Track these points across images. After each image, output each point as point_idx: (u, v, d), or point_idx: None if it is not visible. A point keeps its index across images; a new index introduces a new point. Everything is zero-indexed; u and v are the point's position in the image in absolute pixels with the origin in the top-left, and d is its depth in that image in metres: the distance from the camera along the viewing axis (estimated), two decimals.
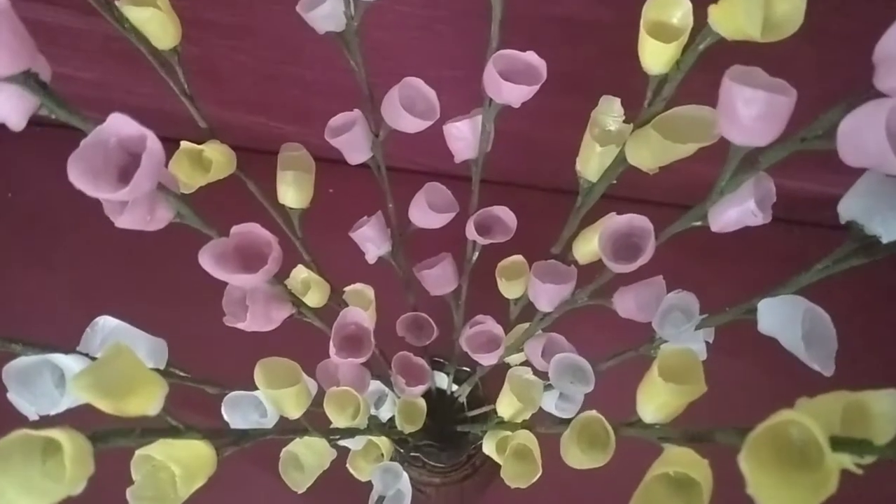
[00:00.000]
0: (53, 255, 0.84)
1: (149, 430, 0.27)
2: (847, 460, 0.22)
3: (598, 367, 0.45)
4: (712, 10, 0.32)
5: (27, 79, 0.23)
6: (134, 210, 0.29)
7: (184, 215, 0.32)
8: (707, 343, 0.42)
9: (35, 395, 0.29)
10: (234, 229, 0.32)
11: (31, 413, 0.29)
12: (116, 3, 0.36)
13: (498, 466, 0.46)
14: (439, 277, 0.51)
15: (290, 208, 0.45)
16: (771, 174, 0.37)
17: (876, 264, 0.34)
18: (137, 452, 0.28)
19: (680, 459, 0.27)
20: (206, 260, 0.31)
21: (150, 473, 0.29)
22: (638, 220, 0.36)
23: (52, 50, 0.27)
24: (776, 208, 0.60)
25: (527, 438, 0.44)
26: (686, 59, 0.34)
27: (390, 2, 0.38)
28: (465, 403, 0.62)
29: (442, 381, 0.62)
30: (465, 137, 0.42)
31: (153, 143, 0.26)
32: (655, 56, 0.35)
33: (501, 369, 0.51)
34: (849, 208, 0.31)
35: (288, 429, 0.39)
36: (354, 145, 0.43)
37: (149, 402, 0.26)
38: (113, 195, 0.25)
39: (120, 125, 0.25)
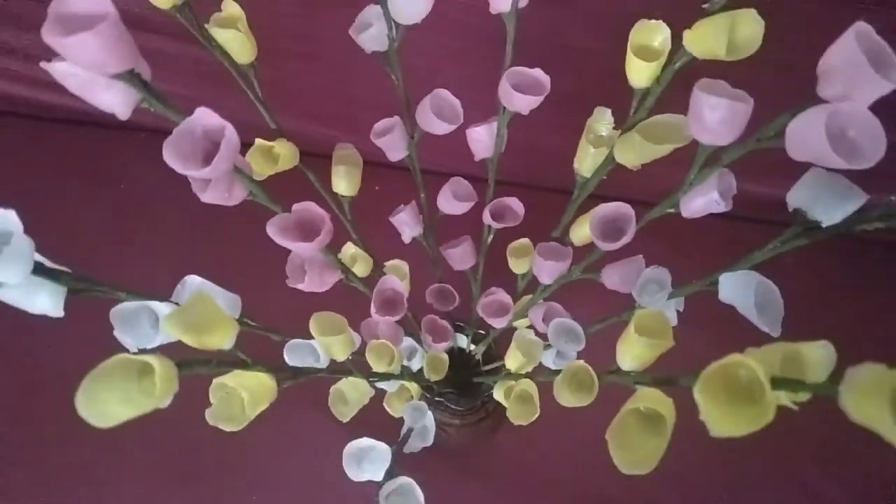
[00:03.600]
0: (154, 233, 0.85)
1: (223, 362, 0.28)
2: (784, 397, 0.22)
3: (588, 330, 0.45)
4: (686, 34, 0.31)
5: (131, 77, 0.24)
6: (216, 187, 0.30)
7: (255, 194, 0.32)
8: (678, 312, 0.42)
9: (135, 333, 0.29)
10: (295, 207, 0.33)
11: (132, 347, 0.30)
12: (206, 26, 0.37)
13: (507, 411, 0.47)
14: (461, 255, 0.51)
15: (342, 196, 0.45)
16: (742, 179, 0.37)
17: (817, 248, 0.33)
18: (215, 381, 0.29)
19: (649, 397, 0.27)
20: (273, 230, 0.32)
21: (225, 398, 0.30)
22: (622, 207, 0.36)
23: (153, 71, 0.27)
24: (746, 209, 0.59)
25: (528, 385, 0.44)
26: (664, 76, 0.34)
27: (425, 34, 0.38)
28: (480, 360, 0.62)
29: (462, 341, 0.62)
30: (483, 140, 0.42)
31: (231, 132, 0.26)
32: (640, 73, 0.35)
33: (510, 332, 0.51)
34: (796, 198, 0.31)
35: (336, 370, 0.39)
36: (394, 145, 0.43)
37: (223, 338, 0.26)
38: (197, 172, 0.25)
39: (204, 117, 0.26)
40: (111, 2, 0.21)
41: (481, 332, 0.61)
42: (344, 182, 0.45)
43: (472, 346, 0.62)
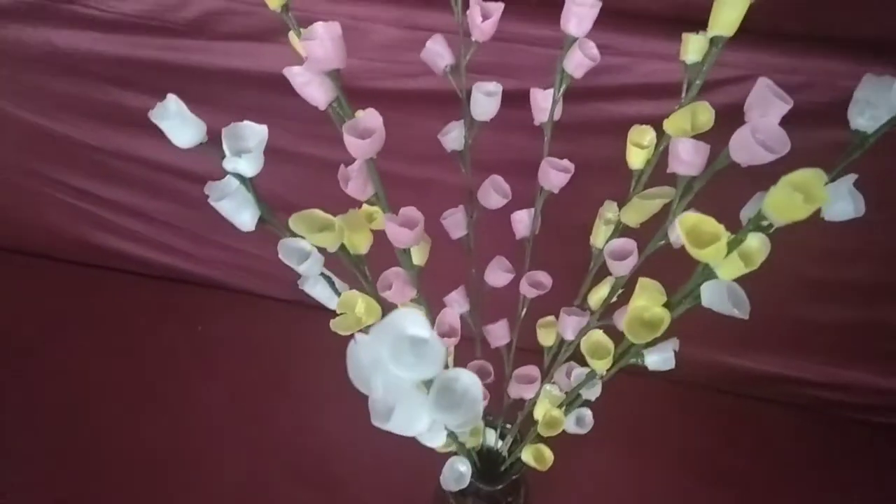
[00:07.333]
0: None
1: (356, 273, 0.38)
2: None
3: (605, 378, 0.53)
4: (666, 122, 0.46)
5: (337, 75, 0.38)
6: (356, 181, 0.42)
7: (379, 197, 0.44)
8: (675, 351, 0.51)
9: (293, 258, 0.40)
10: (402, 210, 0.45)
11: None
12: None
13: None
14: (499, 331, 0.60)
15: (415, 265, 0.56)
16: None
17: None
18: (344, 294, 0.39)
19: (653, 310, 0.37)
20: (388, 223, 0.44)
21: (345, 315, 0.39)
22: (628, 243, 0.48)
23: None
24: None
25: (556, 412, 0.51)
26: (653, 159, 0.49)
27: (486, 145, 0.54)
28: (506, 456, 0.67)
29: (491, 436, 0.68)
30: (524, 220, 0.55)
31: (381, 132, 0.40)
32: (637, 158, 0.49)
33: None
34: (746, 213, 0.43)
35: None
36: (456, 225, 0.56)
37: (363, 244, 0.37)
38: (360, 141, 0.38)
39: (369, 119, 0.40)
40: (340, 25, 0.37)
41: (508, 425, 0.67)
42: (417, 255, 0.57)
43: (500, 442, 0.68)
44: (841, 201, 0.37)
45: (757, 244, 0.33)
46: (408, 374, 0.25)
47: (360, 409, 0.54)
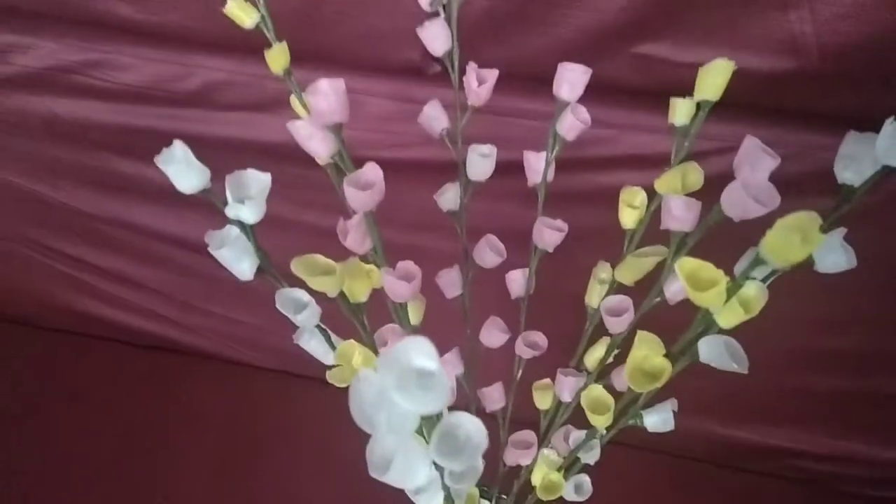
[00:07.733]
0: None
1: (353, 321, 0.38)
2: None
3: (603, 440, 0.52)
4: (657, 182, 0.48)
5: (339, 129, 0.39)
6: (355, 234, 0.43)
7: (377, 251, 0.44)
8: (674, 412, 0.50)
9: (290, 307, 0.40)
10: (398, 264, 0.45)
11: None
12: None
13: None
14: (494, 394, 0.60)
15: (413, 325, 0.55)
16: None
17: None
18: (339, 346, 0.39)
19: (654, 361, 0.37)
20: (386, 276, 0.44)
21: (341, 367, 0.39)
22: (624, 301, 0.48)
23: None
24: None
25: (555, 476, 0.50)
26: (645, 219, 0.50)
27: (478, 213, 0.55)
28: None
29: None
30: (518, 280, 0.56)
31: (381, 186, 0.40)
32: (629, 217, 0.50)
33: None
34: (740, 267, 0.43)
35: None
36: (451, 284, 0.56)
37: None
38: (361, 193, 0.39)
39: (370, 172, 0.41)
40: (344, 82, 0.38)
41: (504, 496, 0.65)
42: (413, 315, 0.57)
43: None
44: (833, 253, 0.38)
45: (755, 291, 0.34)
46: (414, 407, 0.24)
47: (344, 480, 0.53)
